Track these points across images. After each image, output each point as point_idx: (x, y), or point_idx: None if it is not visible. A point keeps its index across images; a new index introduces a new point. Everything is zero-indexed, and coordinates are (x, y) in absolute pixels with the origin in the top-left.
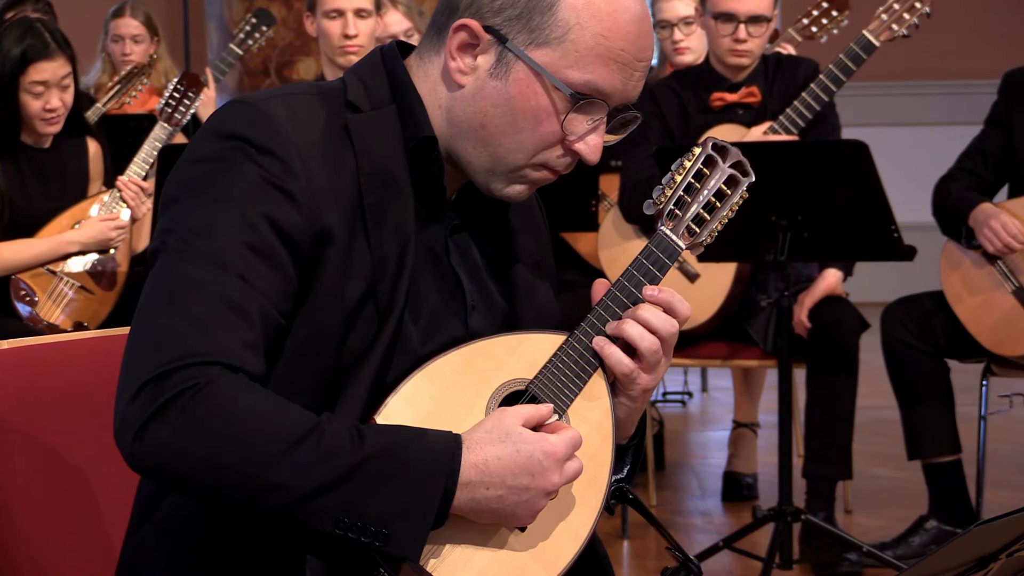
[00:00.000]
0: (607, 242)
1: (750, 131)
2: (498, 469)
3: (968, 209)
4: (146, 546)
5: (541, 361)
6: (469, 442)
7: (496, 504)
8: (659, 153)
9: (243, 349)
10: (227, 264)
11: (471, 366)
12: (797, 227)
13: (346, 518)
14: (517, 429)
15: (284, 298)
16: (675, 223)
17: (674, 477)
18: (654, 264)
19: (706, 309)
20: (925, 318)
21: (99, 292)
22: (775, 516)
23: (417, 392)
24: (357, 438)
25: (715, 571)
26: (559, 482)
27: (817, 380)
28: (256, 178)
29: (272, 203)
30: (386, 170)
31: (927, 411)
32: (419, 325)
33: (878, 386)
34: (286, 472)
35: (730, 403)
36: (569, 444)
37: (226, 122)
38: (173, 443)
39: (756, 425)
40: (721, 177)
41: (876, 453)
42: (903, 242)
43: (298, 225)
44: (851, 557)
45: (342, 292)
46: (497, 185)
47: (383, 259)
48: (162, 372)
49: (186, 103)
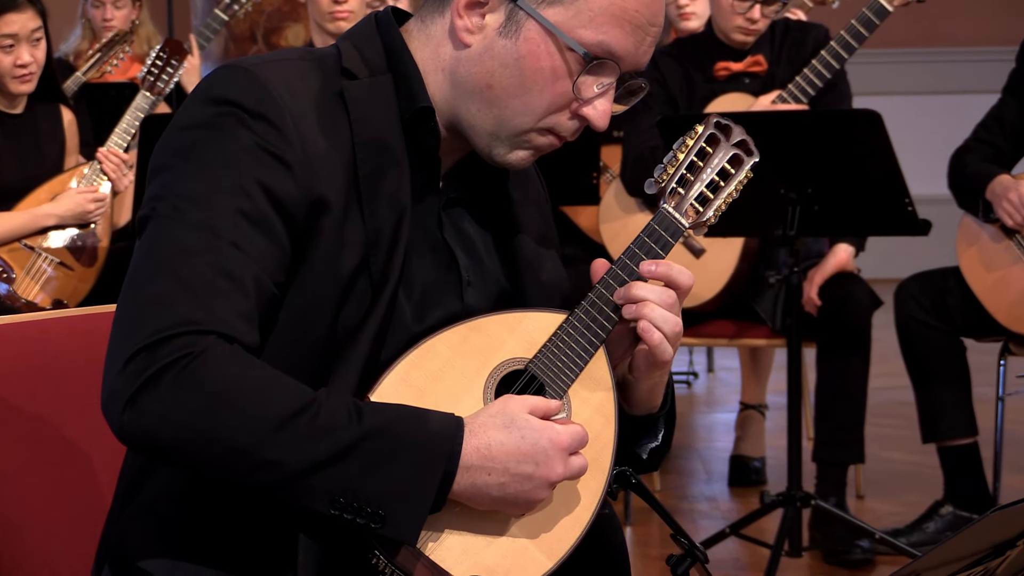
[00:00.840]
0: (608, 216)
1: (758, 100)
2: (501, 455)
3: (985, 181)
4: (132, 530)
5: (540, 340)
6: (472, 425)
7: (497, 491)
8: (663, 123)
9: (238, 319)
10: (220, 231)
11: (468, 344)
12: (807, 200)
13: (341, 498)
14: (523, 416)
15: (278, 267)
16: (678, 201)
17: (679, 461)
18: (656, 242)
19: (712, 286)
20: (940, 295)
21: (79, 268)
22: (784, 502)
23: (412, 370)
24: (355, 415)
25: (721, 559)
26: (563, 473)
27: (828, 360)
28: (250, 144)
29: (266, 170)
30: (381, 140)
31: (942, 392)
32: (412, 301)
33: (891, 366)
34: (281, 447)
35: (737, 384)
36: (574, 437)
37: (218, 87)
38: (165, 414)
39: (764, 407)
40: (725, 156)
41: (889, 436)
42: (917, 216)
43: (292, 193)
44: (863, 544)
45: (336, 264)
46: (500, 150)
47: (377, 231)
48: (155, 340)
49: (169, 71)
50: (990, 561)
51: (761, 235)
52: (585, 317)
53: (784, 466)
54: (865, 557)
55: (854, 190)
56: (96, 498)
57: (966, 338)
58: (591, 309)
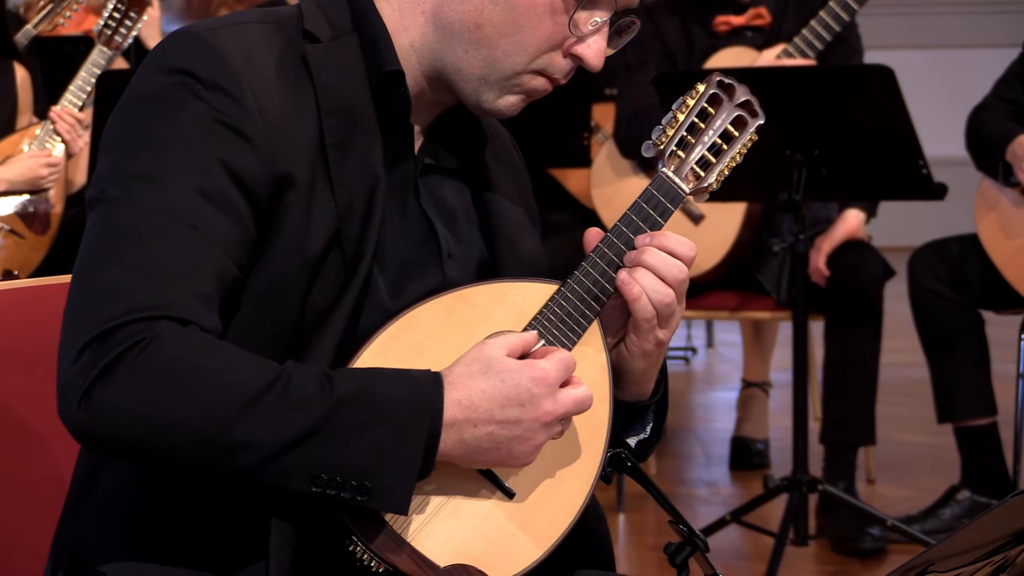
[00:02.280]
0: (601, 179)
1: (762, 55)
2: (484, 403)
3: (1005, 142)
4: (88, 529)
5: (530, 312)
6: (450, 378)
7: (488, 442)
8: (660, 80)
9: (194, 302)
10: (176, 212)
11: (453, 316)
12: (814, 162)
13: (323, 474)
14: (500, 358)
15: (240, 249)
16: (678, 165)
17: (676, 443)
18: (655, 209)
19: (712, 255)
20: (957, 264)
21: (31, 236)
22: (789, 486)
23: (393, 343)
24: (326, 384)
25: (721, 548)
26: (554, 410)
27: (836, 334)
28: (205, 118)
29: (224, 145)
30: (349, 107)
31: (959, 368)
32: (389, 277)
33: (905, 340)
34: (250, 427)
35: (739, 360)
36: (560, 367)
37: (169, 55)
38: (122, 407)
39: (768, 385)
40: (728, 117)
41: (902, 416)
42: (933, 179)
43: (254, 169)
44: (874, 532)
45: (304, 242)
46: (488, 96)
47: (348, 205)
48: (104, 330)
49: (127, 24)
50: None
51: (765, 200)
52: (579, 288)
53: (789, 448)
54: (876, 546)
55: (865, 152)
56: (53, 488)
57: (984, 310)
58: (585, 280)
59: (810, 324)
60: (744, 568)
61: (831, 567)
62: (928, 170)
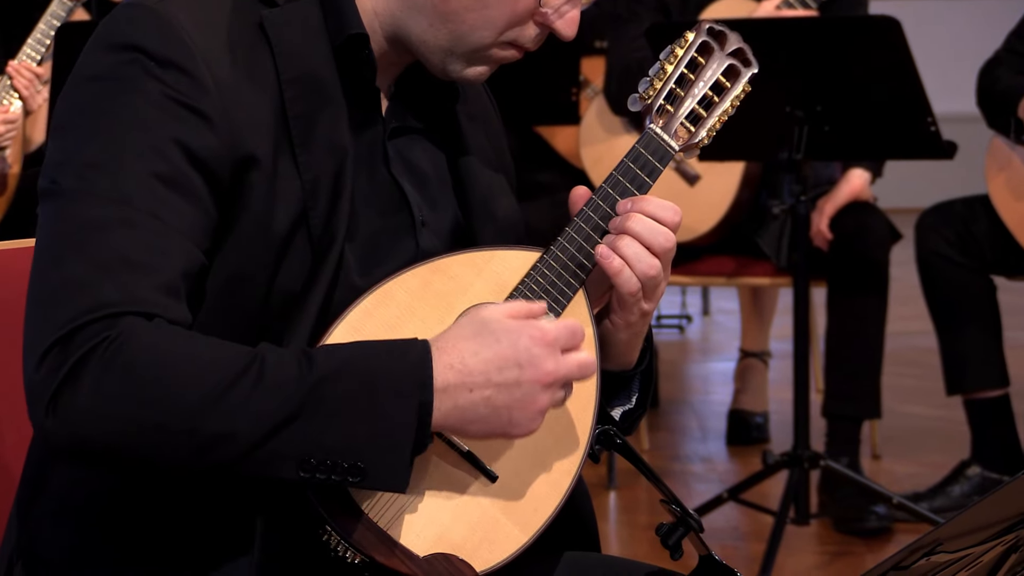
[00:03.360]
0: (590, 138)
1: (760, 5)
2: (478, 365)
3: (1019, 97)
4: (43, 527)
5: (512, 282)
6: (440, 343)
7: (485, 408)
8: (652, 32)
9: (159, 294)
10: (134, 200)
11: (430, 288)
12: (816, 119)
13: (312, 458)
14: (497, 319)
15: (203, 234)
16: (666, 120)
17: (670, 417)
18: (643, 168)
19: (708, 217)
20: (967, 227)
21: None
22: (789, 462)
23: (367, 319)
24: (305, 362)
25: (718, 527)
26: (556, 369)
27: (840, 301)
28: (159, 97)
29: (181, 125)
30: (311, 75)
31: (969, 337)
32: (360, 253)
33: (912, 308)
34: (227, 417)
35: (736, 329)
36: (563, 329)
37: (119, 31)
38: (92, 410)
39: (767, 355)
40: (719, 67)
41: (909, 387)
42: (941, 137)
43: (214, 149)
44: (879, 510)
45: (269, 223)
46: (455, 67)
47: (315, 181)
48: (67, 332)
49: None
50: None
51: (764, 159)
52: (562, 255)
53: (789, 422)
54: (881, 524)
55: (869, 108)
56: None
57: (996, 276)
58: (568, 246)
59: (812, 290)
60: (742, 548)
61: (833, 547)
62: (936, 127)
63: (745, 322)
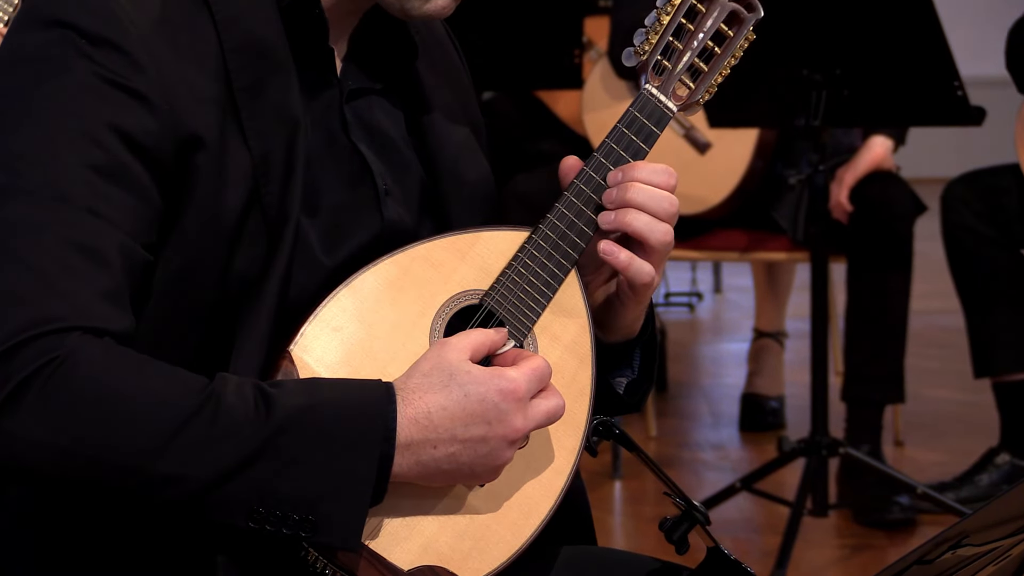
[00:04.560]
0: (594, 103)
1: None
2: (444, 421)
3: None
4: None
5: (498, 266)
6: (404, 391)
7: (448, 464)
8: None
9: (103, 303)
10: (70, 196)
11: (408, 277)
12: (835, 83)
13: (261, 507)
14: (463, 367)
15: (147, 227)
16: (664, 78)
17: (679, 401)
18: (638, 133)
19: (719, 188)
20: (996, 198)
21: None
22: (806, 450)
23: (342, 314)
24: (262, 404)
25: (731, 519)
26: (523, 427)
27: (860, 277)
28: (92, 79)
29: (117, 108)
30: (257, 41)
31: (998, 316)
32: (321, 229)
33: (937, 284)
34: (178, 459)
35: (750, 307)
36: (532, 377)
37: (46, 5)
38: (33, 438)
39: (783, 335)
40: (720, 15)
41: (934, 370)
42: (969, 102)
43: (153, 132)
44: (902, 501)
45: (219, 207)
46: (414, 3)
47: (266, 156)
48: (9, 347)
49: None
50: None
51: (779, 126)
52: (552, 235)
53: (806, 407)
54: (904, 516)
55: (892, 70)
56: None
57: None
58: (559, 224)
59: (831, 266)
60: (756, 542)
61: (853, 540)
62: (964, 92)
63: (759, 300)
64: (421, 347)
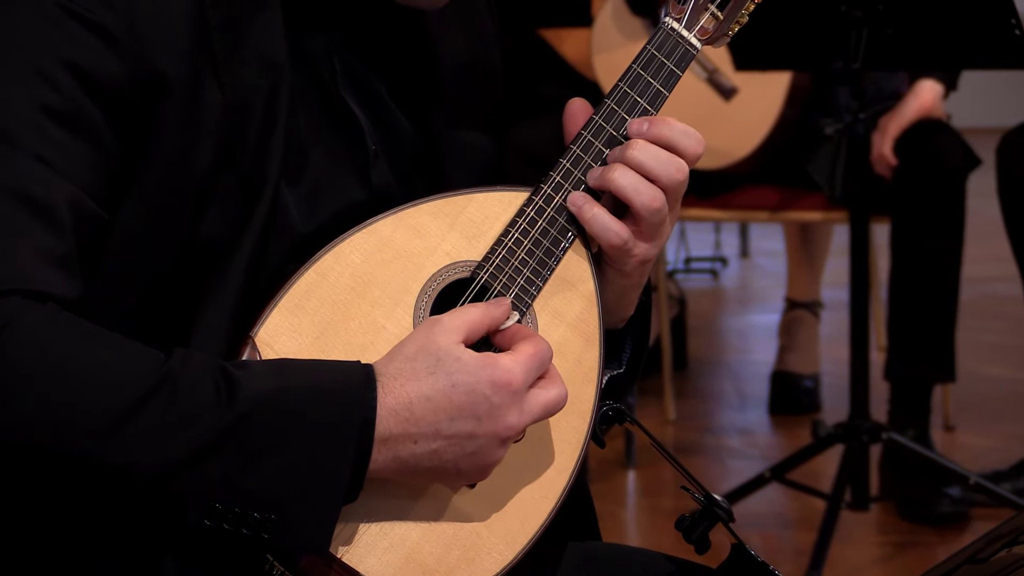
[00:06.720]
0: (604, 43)
1: None
2: (427, 414)
3: None
4: None
5: (492, 233)
6: (385, 378)
7: (430, 462)
8: None
9: (48, 265)
10: (16, 140)
11: (390, 247)
12: (877, 21)
13: (218, 503)
14: (452, 352)
15: (102, 179)
16: (686, 9)
17: (701, 380)
18: (656, 75)
19: (747, 140)
20: None
21: None
22: (845, 435)
23: (311, 293)
24: (224, 388)
25: (759, 511)
26: (518, 423)
27: (906, 240)
28: (51, 8)
29: (75, 44)
30: None
31: None
32: (299, 190)
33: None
34: (126, 445)
35: (781, 274)
36: (529, 365)
37: None
38: None
39: (818, 305)
40: None
41: (990, 344)
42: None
43: (115, 73)
44: (953, 492)
45: (188, 162)
46: None
47: (243, 107)
48: None
49: None
50: None
51: (814, 69)
52: (554, 194)
53: (845, 387)
54: (955, 510)
55: (941, 6)
56: None
57: None
58: (563, 182)
59: (872, 228)
60: (787, 538)
61: (898, 536)
62: (1022, 30)
63: (792, 266)
64: (403, 330)
